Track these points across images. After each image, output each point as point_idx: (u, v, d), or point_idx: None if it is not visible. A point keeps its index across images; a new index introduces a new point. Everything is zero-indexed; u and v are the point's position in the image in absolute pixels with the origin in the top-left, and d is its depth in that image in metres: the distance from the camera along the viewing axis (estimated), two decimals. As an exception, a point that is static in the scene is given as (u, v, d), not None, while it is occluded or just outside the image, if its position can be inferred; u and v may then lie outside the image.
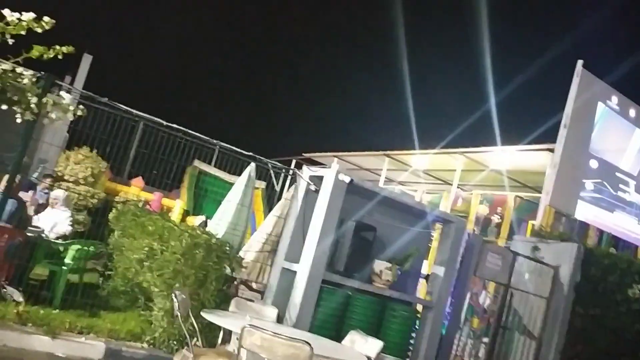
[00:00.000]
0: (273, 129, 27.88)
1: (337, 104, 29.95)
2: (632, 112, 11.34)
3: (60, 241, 6.93)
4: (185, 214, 12.23)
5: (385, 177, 16.29)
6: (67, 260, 6.56)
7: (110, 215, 7.17)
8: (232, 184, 7.32)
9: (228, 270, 6.01)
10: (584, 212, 10.49)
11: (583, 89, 10.15)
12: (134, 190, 12.33)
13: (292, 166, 15.89)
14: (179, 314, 4.24)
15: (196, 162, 12.85)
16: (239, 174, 7.07)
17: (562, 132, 9.95)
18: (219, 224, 6.47)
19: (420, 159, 15.00)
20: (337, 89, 30.78)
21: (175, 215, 11.42)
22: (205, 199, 12.95)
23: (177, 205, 12.22)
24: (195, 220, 9.90)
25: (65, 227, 7.27)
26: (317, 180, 6.15)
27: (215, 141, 6.30)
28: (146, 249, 5.87)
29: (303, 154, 18.61)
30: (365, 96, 30.77)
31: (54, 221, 7.26)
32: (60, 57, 4.89)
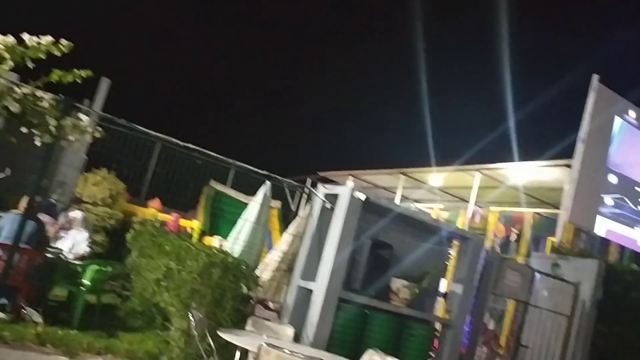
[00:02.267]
0: (288, 148, 27.99)
1: (353, 122, 30.02)
2: (650, 126, 11.21)
3: (78, 262, 6.99)
4: (202, 234, 12.27)
5: (401, 195, 16.22)
6: (85, 281, 6.61)
7: (128, 236, 7.23)
8: (247, 205, 7.35)
9: (245, 290, 5.99)
10: (604, 228, 10.31)
11: (600, 103, 10.06)
12: (152, 212, 12.42)
13: (308, 185, 15.90)
14: (195, 333, 4.23)
15: (212, 183, 12.93)
16: (254, 193, 7.10)
17: (580, 148, 9.84)
18: (236, 243, 6.48)
19: (436, 176, 14.92)
20: (353, 107, 30.88)
21: (194, 235, 11.47)
22: (221, 219, 12.98)
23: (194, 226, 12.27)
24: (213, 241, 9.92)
25: (83, 248, 7.34)
26: (333, 198, 6.15)
27: (231, 160, 6.34)
28: (163, 269, 5.89)
29: (318, 173, 18.62)
30: (381, 113, 30.83)
31: (72, 242, 7.33)
32: (79, 81, 5.00)
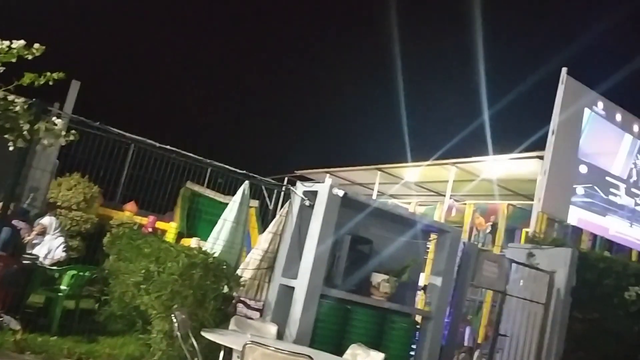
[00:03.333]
0: (265, 148, 27.94)
1: (329, 120, 30.13)
2: (618, 117, 11.52)
3: (55, 268, 6.90)
4: (179, 236, 12.20)
5: (378, 191, 16.38)
6: (63, 286, 6.54)
7: (105, 240, 7.17)
8: (225, 204, 7.36)
9: (226, 289, 6.01)
10: (577, 217, 10.58)
11: (569, 96, 10.31)
12: (128, 215, 12.30)
13: (285, 183, 15.93)
14: (179, 334, 4.24)
15: (189, 184, 12.86)
16: (232, 195, 7.10)
17: (551, 139, 10.08)
18: (215, 243, 6.48)
19: (412, 172, 15.10)
20: (329, 105, 30.98)
21: (170, 238, 11.40)
22: (199, 220, 12.94)
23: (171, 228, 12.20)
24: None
25: (59, 254, 7.25)
26: (311, 195, 6.20)
27: (207, 160, 6.34)
28: (143, 271, 5.87)
29: (295, 172, 18.67)
30: (357, 111, 30.98)
31: (48, 248, 7.24)
32: (51, 83, 4.93)
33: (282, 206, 7.18)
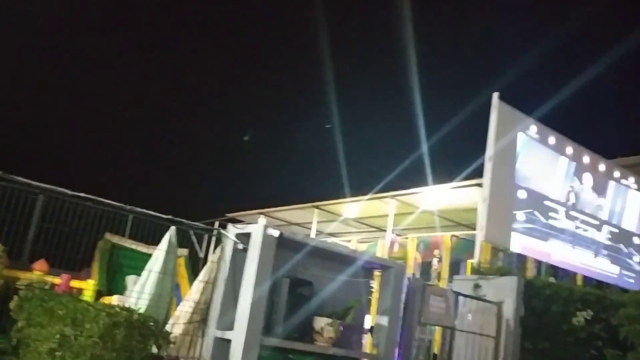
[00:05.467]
0: (192, 191, 27.55)
1: (260, 158, 30.19)
2: (551, 140, 12.23)
3: (-48, 340, 6.42)
4: (99, 294, 11.70)
5: (316, 230, 16.48)
6: (-38, 361, 6.08)
7: (12, 304, 6.76)
8: (150, 256, 7.18)
9: (154, 349, 5.79)
10: (520, 244, 11.05)
11: (502, 121, 10.88)
12: (37, 275, 11.67)
13: (216, 227, 15.73)
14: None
15: (107, 235, 12.43)
16: (157, 244, 6.95)
17: (488, 166, 10.55)
18: (140, 297, 6.28)
19: (351, 207, 15.36)
20: (258, 143, 31.10)
21: (88, 297, 10.90)
22: (121, 275, 12.47)
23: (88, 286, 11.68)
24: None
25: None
26: (244, 237, 6.16)
27: (128, 207, 6.19)
28: (57, 336, 5.57)
29: (226, 215, 18.52)
30: (290, 147, 31.22)
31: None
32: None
33: (213, 252, 7.08)
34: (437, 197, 13.35)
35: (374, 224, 16.72)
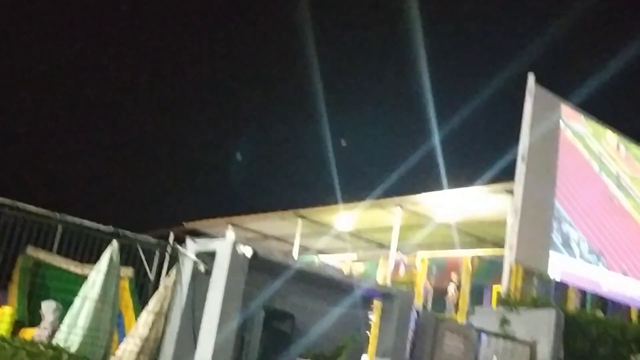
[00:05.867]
0: (141, 194, 27.42)
1: (230, 156, 30.15)
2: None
3: None
4: (18, 325, 11.63)
5: (300, 245, 16.45)
6: None
7: None
8: (84, 277, 7.15)
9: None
10: (559, 267, 11.03)
11: (539, 109, 10.87)
12: None
13: (171, 241, 15.66)
14: None
15: (30, 250, 12.35)
16: (94, 261, 6.93)
17: (521, 167, 10.49)
18: (72, 331, 6.26)
19: (345, 217, 15.30)
20: (230, 136, 31.11)
21: (3, 329, 10.84)
22: (46, 300, 12.40)
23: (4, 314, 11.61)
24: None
25: None
26: (208, 257, 6.15)
27: (58, 215, 6.16)
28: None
29: (184, 224, 18.44)
30: (268, 140, 31.23)
31: None
32: None
33: (167, 274, 7.06)
34: (454, 204, 13.30)
35: (373, 239, 16.69)
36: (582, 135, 12.01)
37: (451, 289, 13.82)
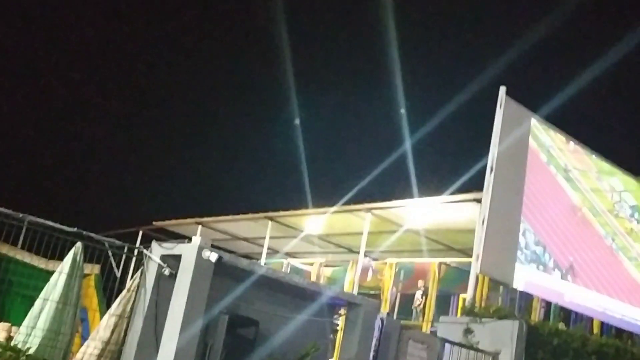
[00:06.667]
0: (108, 190, 27.15)
1: (199, 154, 29.99)
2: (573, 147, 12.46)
3: None
4: (-19, 319, 11.47)
5: (269, 248, 16.42)
6: None
7: None
8: (49, 273, 7.05)
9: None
10: (525, 278, 11.09)
11: (509, 122, 10.95)
12: None
13: (138, 241, 15.52)
14: None
15: (-7, 244, 12.19)
16: (60, 257, 6.83)
17: (489, 178, 10.55)
18: (32, 332, 6.17)
19: (315, 221, 15.31)
20: (200, 137, 30.93)
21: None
22: (9, 297, 12.23)
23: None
24: None
25: None
26: (173, 260, 6.11)
27: (21, 215, 6.06)
28: None
29: (153, 223, 18.30)
30: (239, 143, 31.12)
31: None
32: None
33: (132, 274, 7.00)
34: (424, 212, 13.38)
35: (343, 243, 16.71)
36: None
37: (418, 295, 13.90)
